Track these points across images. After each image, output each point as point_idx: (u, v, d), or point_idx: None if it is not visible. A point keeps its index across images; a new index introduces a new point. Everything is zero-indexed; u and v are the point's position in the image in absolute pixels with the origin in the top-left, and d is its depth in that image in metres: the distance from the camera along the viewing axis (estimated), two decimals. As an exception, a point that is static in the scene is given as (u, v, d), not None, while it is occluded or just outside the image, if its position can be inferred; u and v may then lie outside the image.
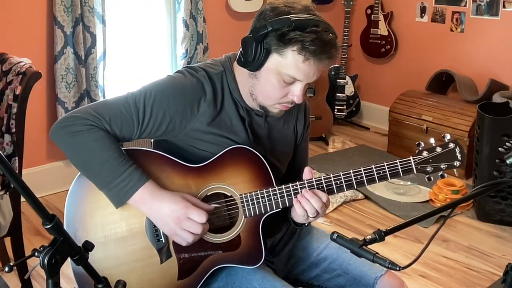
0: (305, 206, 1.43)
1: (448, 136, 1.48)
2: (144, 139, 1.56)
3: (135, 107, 1.44)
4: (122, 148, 1.46)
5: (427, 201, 3.43)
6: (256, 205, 1.46)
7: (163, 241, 1.47)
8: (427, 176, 1.48)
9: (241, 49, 1.45)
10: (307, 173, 1.49)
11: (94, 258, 1.12)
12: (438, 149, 1.47)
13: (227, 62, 1.55)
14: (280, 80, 1.43)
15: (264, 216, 1.48)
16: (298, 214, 1.46)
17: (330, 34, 1.40)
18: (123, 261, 1.46)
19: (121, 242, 1.46)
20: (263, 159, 1.48)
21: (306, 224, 1.56)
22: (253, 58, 1.41)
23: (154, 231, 1.47)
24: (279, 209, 1.48)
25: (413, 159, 1.46)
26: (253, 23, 1.46)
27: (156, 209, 1.41)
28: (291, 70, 1.40)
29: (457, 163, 1.47)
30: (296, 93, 1.45)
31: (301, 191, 1.45)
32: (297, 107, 1.62)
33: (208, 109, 1.48)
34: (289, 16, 1.37)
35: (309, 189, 1.45)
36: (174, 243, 1.47)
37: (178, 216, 1.40)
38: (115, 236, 1.46)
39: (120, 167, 1.39)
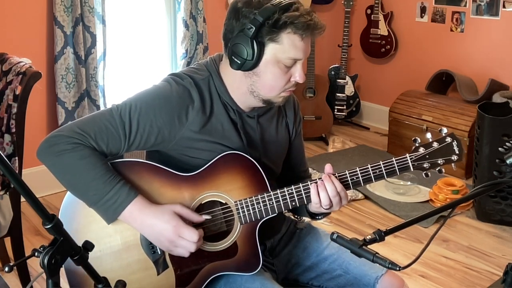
0: (320, 193, 1.42)
1: (445, 130, 1.45)
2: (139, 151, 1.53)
3: (120, 121, 1.41)
4: (114, 161, 1.43)
5: (427, 201, 3.43)
6: (251, 212, 1.44)
7: (159, 253, 1.45)
8: (424, 172, 1.45)
9: (232, 53, 1.43)
10: (328, 169, 1.46)
11: None
12: (435, 144, 1.44)
13: (213, 65, 1.52)
14: (282, 66, 1.42)
15: (260, 222, 1.47)
16: (312, 203, 1.45)
17: (304, 6, 1.43)
18: (119, 274, 1.43)
19: (116, 255, 1.44)
20: (256, 164, 1.46)
21: (320, 217, 1.55)
22: (252, 56, 1.40)
23: (149, 243, 1.45)
24: (275, 214, 1.46)
25: (410, 156, 1.44)
26: (229, 25, 1.44)
27: (147, 226, 1.39)
28: (290, 53, 1.40)
29: (454, 157, 1.44)
30: (297, 73, 1.45)
31: (319, 180, 1.43)
32: (285, 104, 1.61)
33: (197, 117, 1.46)
34: (271, 3, 1.38)
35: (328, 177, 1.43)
36: (170, 254, 1.45)
37: (170, 236, 1.38)
38: (111, 250, 1.44)
39: (107, 185, 1.36)
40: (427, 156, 1.44)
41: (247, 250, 1.47)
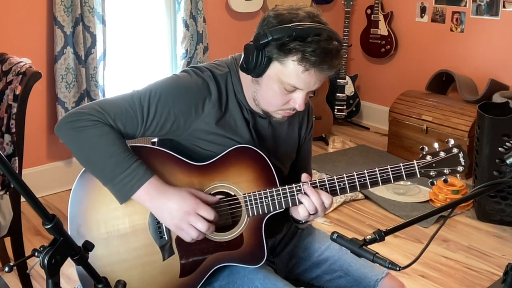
0: (304, 201, 1.44)
1: (452, 141, 1.49)
2: (146, 138, 1.55)
3: (139, 105, 1.44)
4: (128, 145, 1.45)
5: (427, 201, 3.43)
6: (259, 205, 1.46)
7: (166, 238, 1.47)
8: (430, 180, 1.48)
9: (243, 55, 1.45)
10: (304, 178, 1.48)
11: (96, 254, 1.12)
12: (442, 154, 1.48)
13: (233, 64, 1.54)
14: (282, 87, 1.42)
15: (267, 216, 1.48)
16: (297, 209, 1.47)
17: (334, 42, 1.37)
18: (125, 257, 1.46)
19: (123, 238, 1.46)
20: (267, 159, 1.48)
21: (303, 221, 1.53)
22: (254, 65, 1.40)
23: (157, 228, 1.47)
24: (282, 210, 1.48)
25: (417, 163, 1.46)
26: (257, 29, 1.44)
27: (161, 204, 1.40)
28: (291, 79, 1.40)
29: (460, 168, 1.48)
30: (297, 101, 1.44)
31: (303, 187, 1.45)
32: None
33: (213, 110, 1.48)
34: (290, 25, 1.35)
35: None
36: (177, 240, 1.47)
37: (187, 211, 1.39)
38: (118, 232, 1.46)
39: (125, 163, 1.39)
40: (434, 165, 1.47)
41: (252, 243, 1.49)
